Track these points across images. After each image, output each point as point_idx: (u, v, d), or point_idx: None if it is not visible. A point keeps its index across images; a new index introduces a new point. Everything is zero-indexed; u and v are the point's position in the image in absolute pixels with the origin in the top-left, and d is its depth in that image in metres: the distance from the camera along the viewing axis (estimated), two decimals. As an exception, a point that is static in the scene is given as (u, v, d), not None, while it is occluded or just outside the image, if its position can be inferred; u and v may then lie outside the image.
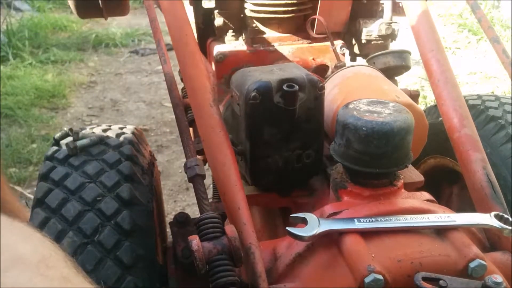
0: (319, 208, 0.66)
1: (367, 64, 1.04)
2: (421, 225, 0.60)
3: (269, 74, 0.73)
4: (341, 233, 0.59)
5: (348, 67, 0.94)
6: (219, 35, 1.12)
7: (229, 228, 0.61)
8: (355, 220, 0.60)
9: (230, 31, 1.10)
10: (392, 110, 0.65)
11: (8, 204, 1.36)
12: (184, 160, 0.73)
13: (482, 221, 0.62)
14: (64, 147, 0.83)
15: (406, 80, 2.88)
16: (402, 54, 1.06)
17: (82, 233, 0.72)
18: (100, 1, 1.12)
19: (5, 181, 1.40)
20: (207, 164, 0.79)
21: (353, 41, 1.24)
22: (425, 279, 0.54)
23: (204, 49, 1.17)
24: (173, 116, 0.80)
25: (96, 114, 2.77)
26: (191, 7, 1.14)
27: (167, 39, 0.96)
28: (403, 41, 1.40)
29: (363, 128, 0.62)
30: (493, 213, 0.62)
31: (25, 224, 0.37)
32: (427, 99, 2.64)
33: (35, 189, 0.81)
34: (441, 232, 0.60)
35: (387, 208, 0.62)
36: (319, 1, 1.11)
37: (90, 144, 0.83)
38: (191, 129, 1.02)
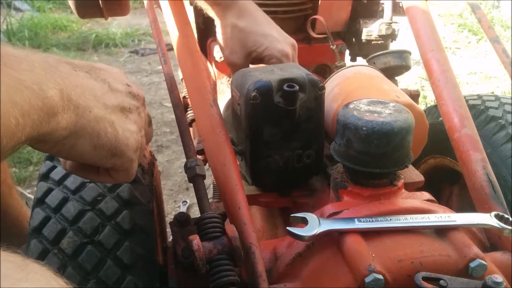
0: (319, 208, 0.66)
1: (367, 64, 1.04)
2: (421, 225, 0.60)
3: (269, 74, 0.73)
4: (341, 233, 0.59)
5: (348, 67, 0.94)
6: (219, 35, 1.12)
7: (229, 228, 0.61)
8: (355, 220, 0.60)
9: (230, 31, 1.10)
10: (392, 110, 0.65)
11: (13, 209, 1.37)
12: (184, 160, 0.72)
13: (482, 221, 0.62)
14: None
15: (406, 80, 2.88)
16: (402, 54, 1.06)
17: (82, 233, 0.72)
18: (100, 1, 1.12)
19: (13, 185, 1.41)
20: (207, 164, 0.79)
21: (353, 41, 1.24)
22: (425, 279, 0.54)
23: (204, 49, 1.17)
24: (173, 116, 0.80)
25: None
26: (191, 7, 1.14)
27: (167, 39, 0.96)
28: (403, 41, 1.40)
29: (364, 128, 0.62)
30: (493, 213, 0.62)
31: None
32: (427, 99, 2.64)
33: (35, 189, 0.81)
34: (441, 232, 0.60)
35: (387, 208, 0.62)
36: (319, 1, 1.11)
37: None
38: (191, 129, 1.02)
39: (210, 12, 0.90)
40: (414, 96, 1.11)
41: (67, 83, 0.49)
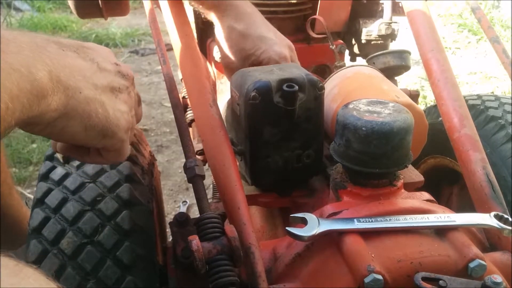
0: (319, 208, 0.66)
1: (367, 64, 1.04)
2: (421, 225, 0.60)
3: (269, 74, 0.73)
4: (341, 233, 0.60)
5: (348, 67, 0.94)
6: (219, 35, 1.12)
7: (229, 228, 0.61)
8: (355, 220, 0.60)
9: (230, 31, 1.10)
10: (392, 110, 0.65)
11: (14, 210, 1.37)
12: (184, 160, 0.73)
13: (482, 221, 0.62)
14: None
15: (406, 80, 2.88)
16: (402, 54, 1.06)
17: (82, 233, 0.72)
18: (100, 1, 1.12)
19: (13, 185, 1.41)
20: (206, 164, 0.79)
21: (353, 41, 1.24)
22: (424, 279, 0.54)
23: (204, 49, 1.17)
24: (173, 116, 0.80)
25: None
26: (191, 7, 1.14)
27: (167, 39, 0.96)
28: (403, 41, 1.40)
29: (363, 128, 0.62)
30: (492, 213, 0.62)
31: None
32: (427, 99, 2.64)
33: (35, 189, 0.81)
34: (441, 232, 0.60)
35: (387, 208, 0.62)
36: (319, 1, 1.11)
37: None
38: (190, 129, 1.02)
39: (208, 15, 0.90)
40: (414, 96, 1.11)
41: (55, 64, 0.49)
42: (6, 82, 0.42)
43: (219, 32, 0.88)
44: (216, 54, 1.07)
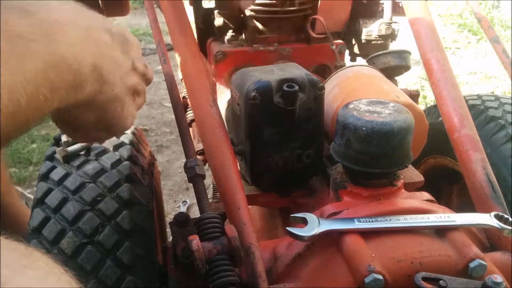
0: (319, 208, 0.66)
1: (367, 64, 1.04)
2: (421, 225, 0.60)
3: (269, 74, 0.73)
4: (341, 233, 0.59)
5: (348, 67, 0.94)
6: (219, 35, 1.12)
7: (229, 228, 0.60)
8: (355, 220, 0.60)
9: (230, 31, 1.10)
10: (392, 110, 0.65)
11: (13, 208, 1.37)
12: (184, 160, 0.73)
13: (482, 221, 0.62)
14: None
15: (406, 80, 2.88)
16: (402, 54, 1.06)
17: (82, 233, 0.72)
18: (100, 1, 1.12)
19: (12, 184, 1.41)
20: (207, 164, 0.79)
21: (353, 41, 1.24)
22: (425, 279, 0.54)
23: (204, 49, 1.17)
24: (173, 116, 0.80)
25: (96, 114, 2.76)
26: (191, 7, 1.14)
27: (167, 39, 0.96)
28: (403, 41, 1.40)
29: (363, 128, 0.62)
30: (493, 213, 0.62)
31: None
32: (427, 99, 2.64)
33: (35, 189, 0.81)
34: (441, 232, 0.60)
35: (387, 208, 0.62)
36: (319, 1, 1.11)
37: (80, 150, 0.82)
38: (190, 129, 1.02)
39: None
40: (414, 96, 1.11)
41: (103, 58, 0.49)
42: (50, 74, 0.42)
43: None
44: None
